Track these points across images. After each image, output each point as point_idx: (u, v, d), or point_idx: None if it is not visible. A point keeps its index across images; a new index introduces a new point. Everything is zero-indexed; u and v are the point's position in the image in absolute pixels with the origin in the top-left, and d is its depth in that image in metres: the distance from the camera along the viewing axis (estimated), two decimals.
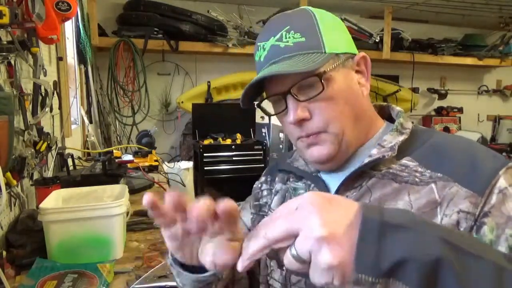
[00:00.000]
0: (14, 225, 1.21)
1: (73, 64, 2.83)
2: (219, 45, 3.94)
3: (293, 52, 0.63)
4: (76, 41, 2.92)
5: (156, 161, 2.54)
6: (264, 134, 4.10)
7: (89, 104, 3.38)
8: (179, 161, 3.61)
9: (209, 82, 4.17)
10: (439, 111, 5.43)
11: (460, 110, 5.45)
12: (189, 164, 3.41)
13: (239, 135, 3.87)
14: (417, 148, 0.63)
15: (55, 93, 1.79)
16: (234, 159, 3.66)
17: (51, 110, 1.78)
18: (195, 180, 3.59)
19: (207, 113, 4.00)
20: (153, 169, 2.41)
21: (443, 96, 5.42)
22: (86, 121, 2.96)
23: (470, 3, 4.17)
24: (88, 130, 2.94)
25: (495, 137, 5.70)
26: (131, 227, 1.37)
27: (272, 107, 0.71)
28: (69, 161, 1.88)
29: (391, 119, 0.72)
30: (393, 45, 4.55)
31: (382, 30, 4.50)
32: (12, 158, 1.14)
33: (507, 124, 5.60)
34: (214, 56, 4.23)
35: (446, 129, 5.26)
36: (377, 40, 4.43)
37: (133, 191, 1.82)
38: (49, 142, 1.49)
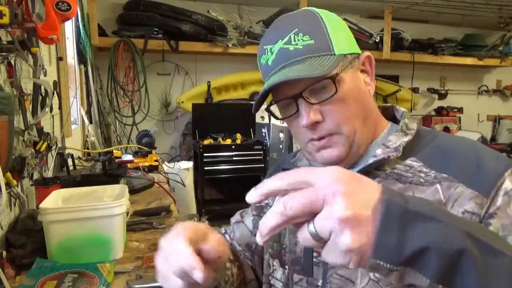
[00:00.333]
0: (14, 225, 1.21)
1: (73, 64, 2.83)
2: (219, 45, 3.94)
3: (304, 55, 0.63)
4: (76, 41, 2.92)
5: (156, 161, 2.54)
6: (264, 134, 4.10)
7: (89, 104, 3.38)
8: (179, 161, 3.61)
9: (209, 82, 4.17)
10: (439, 111, 5.43)
11: (460, 110, 5.46)
12: (189, 164, 3.41)
13: (239, 135, 3.87)
14: (422, 149, 0.63)
15: (55, 93, 1.79)
16: (234, 159, 3.66)
17: (51, 110, 1.78)
18: (195, 180, 3.59)
19: (207, 113, 4.00)
20: (153, 169, 2.41)
21: (443, 96, 5.42)
22: (86, 121, 2.96)
23: (470, 3, 4.17)
24: (88, 130, 2.94)
25: (495, 137, 5.70)
26: (131, 227, 1.37)
27: (279, 110, 0.70)
28: (69, 161, 1.88)
29: (395, 120, 0.72)
30: (393, 45, 4.55)
31: (382, 30, 4.50)
32: (12, 158, 1.14)
33: (507, 124, 5.60)
34: (214, 56, 4.23)
35: (446, 129, 5.26)
36: (377, 40, 4.43)
37: (133, 191, 1.82)
38: (49, 142, 1.49)
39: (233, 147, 3.68)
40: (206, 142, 3.74)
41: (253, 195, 0.42)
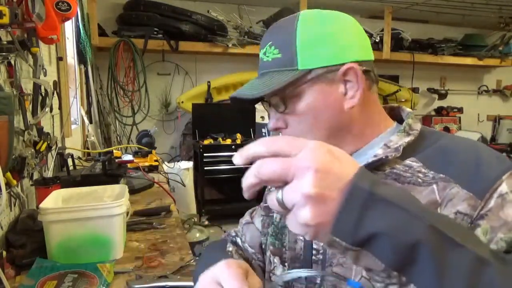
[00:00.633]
0: (14, 225, 1.21)
1: (73, 64, 2.83)
2: (219, 45, 3.94)
3: (270, 68, 0.66)
4: (76, 41, 2.92)
5: (156, 161, 2.54)
6: (264, 134, 4.10)
7: (89, 104, 3.38)
8: (179, 161, 3.61)
9: (209, 82, 4.17)
10: (439, 111, 5.44)
11: (460, 110, 5.46)
12: (189, 164, 3.41)
13: (239, 135, 3.87)
14: (423, 150, 0.63)
15: (55, 93, 1.79)
16: None
17: (51, 110, 1.78)
18: (195, 180, 3.59)
19: (207, 113, 4.00)
20: (153, 169, 2.41)
21: (443, 96, 5.42)
22: (86, 121, 2.96)
23: (470, 3, 4.17)
24: (88, 130, 2.94)
25: (495, 137, 5.70)
26: (131, 227, 1.37)
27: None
28: (69, 161, 1.88)
29: (402, 121, 0.72)
30: (393, 45, 4.55)
31: (382, 30, 4.50)
32: (12, 158, 1.14)
33: (507, 124, 5.61)
34: (214, 56, 4.23)
35: (446, 129, 5.26)
36: (377, 40, 4.43)
37: (133, 191, 1.82)
38: (49, 142, 1.49)
39: (233, 147, 3.68)
40: (206, 142, 3.74)
41: (238, 158, 0.44)
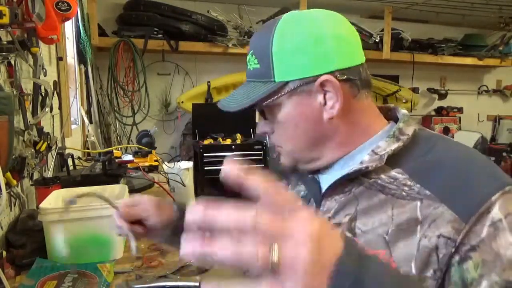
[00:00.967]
0: (14, 225, 1.21)
1: (73, 64, 2.83)
2: (219, 45, 3.93)
3: (252, 77, 0.67)
4: (76, 41, 2.92)
5: (156, 161, 2.54)
6: None
7: (89, 104, 3.38)
8: (179, 161, 3.60)
9: (209, 82, 4.16)
10: (439, 111, 5.43)
11: (460, 110, 5.45)
12: (189, 164, 3.41)
13: (239, 135, 3.87)
14: (412, 160, 0.61)
15: (55, 93, 1.79)
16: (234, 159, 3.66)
17: (51, 110, 1.78)
18: (195, 180, 3.58)
19: (207, 113, 4.00)
20: (153, 169, 2.41)
21: (443, 96, 5.42)
22: (86, 121, 2.96)
23: (470, 3, 4.17)
24: (88, 130, 2.94)
25: (495, 137, 5.70)
26: None
27: None
28: (69, 161, 1.88)
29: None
30: (393, 45, 4.55)
31: (382, 30, 4.50)
32: (12, 158, 1.14)
33: (507, 124, 5.60)
34: (214, 56, 4.23)
35: (446, 129, 5.26)
36: (377, 40, 4.43)
37: (133, 191, 1.82)
38: (49, 142, 1.49)
39: (233, 147, 3.68)
40: (206, 142, 3.74)
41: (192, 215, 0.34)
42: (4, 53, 1.13)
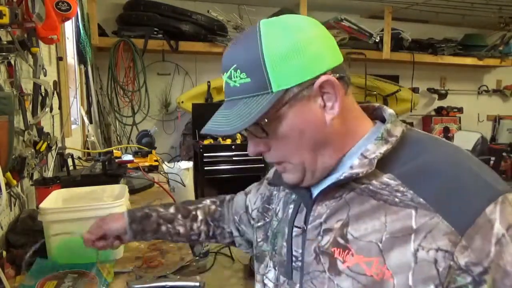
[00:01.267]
0: (14, 225, 1.21)
1: (73, 64, 2.83)
2: (219, 45, 3.94)
3: (239, 94, 0.61)
4: (76, 41, 2.92)
5: (156, 161, 2.54)
6: None
7: (89, 104, 3.38)
8: (179, 161, 3.61)
9: (209, 82, 4.17)
10: (439, 111, 5.44)
11: (460, 110, 5.46)
12: (189, 164, 3.41)
13: (239, 135, 3.86)
14: (403, 164, 0.59)
15: (55, 93, 1.79)
16: (234, 159, 3.66)
17: (51, 110, 1.78)
18: (195, 180, 3.59)
19: (207, 113, 3.95)
20: (153, 169, 2.41)
21: (443, 96, 5.42)
22: (86, 121, 2.96)
23: (470, 3, 4.18)
24: (88, 130, 2.95)
25: (495, 137, 5.70)
26: None
27: None
28: (69, 161, 1.88)
29: (385, 119, 0.68)
30: (393, 45, 4.55)
31: (382, 30, 4.50)
32: (12, 158, 1.14)
33: (507, 124, 5.61)
34: (214, 56, 4.23)
35: (446, 129, 5.26)
36: (377, 40, 4.43)
37: (133, 191, 1.82)
38: (49, 142, 1.49)
39: (233, 147, 3.68)
40: (206, 142, 3.74)
41: None
42: (4, 53, 1.13)
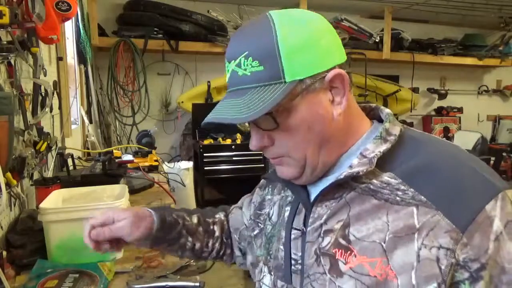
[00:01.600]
0: (14, 225, 1.21)
1: (73, 64, 2.83)
2: (219, 45, 3.94)
3: (250, 83, 0.59)
4: (76, 41, 2.92)
5: (156, 161, 2.54)
6: None
7: (89, 104, 3.38)
8: (179, 161, 3.61)
9: (209, 82, 4.17)
10: (439, 111, 5.44)
11: (460, 110, 5.46)
12: (189, 164, 3.41)
13: (239, 135, 3.87)
14: (402, 162, 0.59)
15: (55, 93, 1.79)
16: (234, 159, 3.66)
17: (51, 110, 1.78)
18: (195, 180, 3.59)
19: (207, 113, 3.98)
20: (153, 169, 2.41)
21: (443, 96, 5.42)
22: (86, 121, 2.96)
23: (470, 3, 4.18)
24: (88, 130, 2.95)
25: (495, 137, 5.70)
26: None
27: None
28: (69, 161, 1.88)
29: (382, 120, 0.68)
30: (393, 45, 4.55)
31: (382, 30, 4.50)
32: (12, 158, 1.14)
33: (507, 124, 5.61)
34: (214, 56, 4.23)
35: (446, 129, 5.26)
36: (377, 40, 4.43)
37: (133, 191, 1.82)
38: (49, 142, 1.49)
39: (233, 147, 3.68)
40: (206, 142, 3.74)
41: None
42: (4, 53, 1.13)
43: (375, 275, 0.55)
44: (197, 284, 1.00)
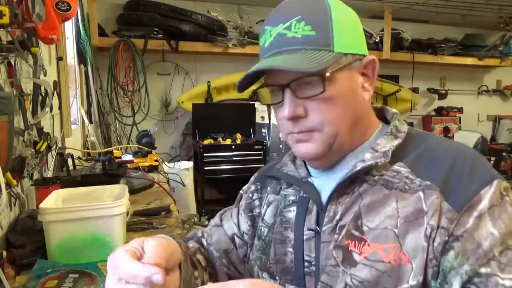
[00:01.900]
0: (14, 225, 1.21)
1: (73, 64, 2.83)
2: (219, 45, 3.94)
3: (299, 45, 0.60)
4: (76, 41, 2.92)
5: (156, 161, 2.54)
6: (264, 134, 4.10)
7: (89, 104, 3.38)
8: (179, 161, 3.62)
9: (209, 82, 4.17)
10: (439, 111, 5.44)
11: (460, 110, 5.46)
12: (189, 164, 3.42)
13: (239, 135, 3.87)
14: (410, 153, 0.62)
15: (55, 93, 1.79)
16: (234, 159, 3.66)
17: (51, 110, 1.78)
18: (195, 180, 3.59)
19: (207, 113, 4.00)
20: (153, 169, 2.41)
21: (443, 96, 5.42)
22: (86, 121, 2.96)
23: (470, 3, 4.17)
24: (88, 130, 2.95)
25: (495, 137, 5.70)
26: (131, 227, 1.37)
27: (270, 95, 0.67)
28: (69, 161, 1.88)
29: (387, 121, 0.71)
30: (393, 45, 4.55)
31: (382, 30, 4.50)
32: (12, 158, 1.14)
33: (507, 124, 5.60)
34: (214, 56, 4.23)
35: (446, 129, 5.26)
36: (377, 40, 4.43)
37: (133, 191, 1.82)
38: (49, 142, 1.49)
39: (233, 147, 3.68)
40: (206, 142, 3.74)
41: None
42: (4, 53, 1.13)
43: (389, 260, 0.56)
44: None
